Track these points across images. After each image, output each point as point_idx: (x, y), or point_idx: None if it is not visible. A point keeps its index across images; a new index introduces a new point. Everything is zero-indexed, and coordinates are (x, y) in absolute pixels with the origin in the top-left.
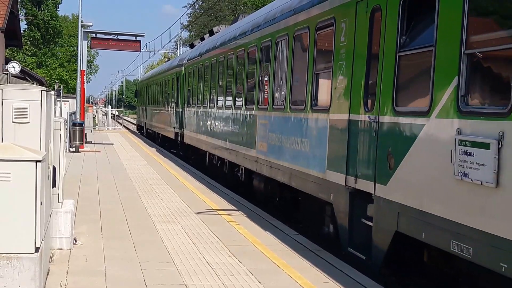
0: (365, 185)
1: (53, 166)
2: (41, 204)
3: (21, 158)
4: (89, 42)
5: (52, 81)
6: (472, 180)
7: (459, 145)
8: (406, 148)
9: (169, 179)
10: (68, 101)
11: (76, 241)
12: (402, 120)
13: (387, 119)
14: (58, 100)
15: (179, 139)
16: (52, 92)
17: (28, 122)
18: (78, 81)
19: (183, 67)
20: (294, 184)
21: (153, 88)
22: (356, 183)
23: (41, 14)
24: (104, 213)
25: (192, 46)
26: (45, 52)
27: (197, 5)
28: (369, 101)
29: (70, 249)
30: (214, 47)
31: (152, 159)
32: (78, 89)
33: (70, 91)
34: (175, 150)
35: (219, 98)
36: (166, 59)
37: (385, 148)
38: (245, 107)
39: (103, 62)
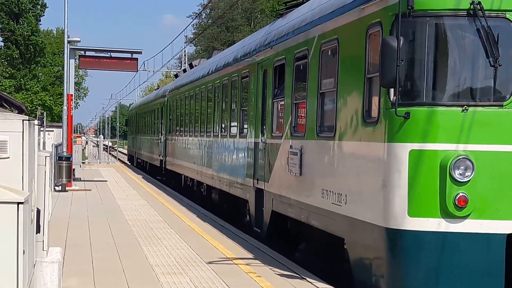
0: (261, 184)
1: (37, 208)
2: (23, 253)
3: (0, 200)
4: (77, 60)
5: (34, 108)
6: (293, 173)
7: (289, 154)
8: (275, 158)
9: (173, 221)
10: (52, 131)
11: None
12: (274, 141)
13: (269, 141)
14: (41, 130)
15: (163, 166)
16: (36, 122)
17: (8, 157)
18: (65, 107)
19: (166, 98)
20: (231, 191)
21: (141, 117)
22: (257, 184)
23: (19, 29)
24: (97, 263)
25: (176, 76)
26: (25, 73)
27: (204, 14)
28: (263, 130)
29: None
30: (187, 82)
31: (152, 198)
32: (65, 117)
33: (54, 119)
34: (159, 176)
35: (190, 127)
36: (155, 88)
37: (268, 159)
38: (206, 134)
39: (93, 84)
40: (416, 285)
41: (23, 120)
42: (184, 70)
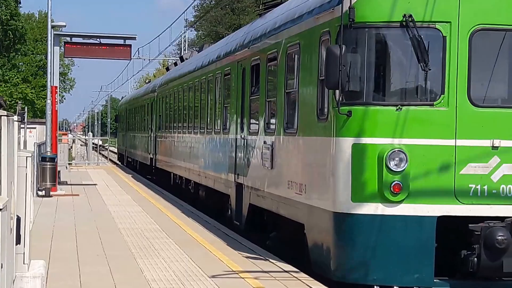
0: (241, 179)
1: (17, 216)
2: (1, 267)
3: None
4: (62, 48)
5: (13, 102)
6: (266, 166)
7: (263, 149)
8: (252, 153)
9: (172, 230)
10: (34, 128)
11: None
12: (251, 137)
13: (247, 137)
14: (21, 127)
15: (153, 165)
16: (16, 118)
17: None
18: (48, 101)
19: (156, 93)
20: (216, 187)
21: (131, 113)
22: (238, 178)
23: None
24: (85, 278)
25: (167, 69)
26: (3, 63)
27: None
28: (243, 126)
29: None
30: (175, 77)
31: (148, 203)
32: (49, 112)
33: (37, 114)
34: (149, 176)
35: (178, 123)
36: (150, 79)
37: (246, 154)
38: (193, 131)
39: (80, 75)
40: (357, 261)
41: (1, 116)
42: (175, 64)
